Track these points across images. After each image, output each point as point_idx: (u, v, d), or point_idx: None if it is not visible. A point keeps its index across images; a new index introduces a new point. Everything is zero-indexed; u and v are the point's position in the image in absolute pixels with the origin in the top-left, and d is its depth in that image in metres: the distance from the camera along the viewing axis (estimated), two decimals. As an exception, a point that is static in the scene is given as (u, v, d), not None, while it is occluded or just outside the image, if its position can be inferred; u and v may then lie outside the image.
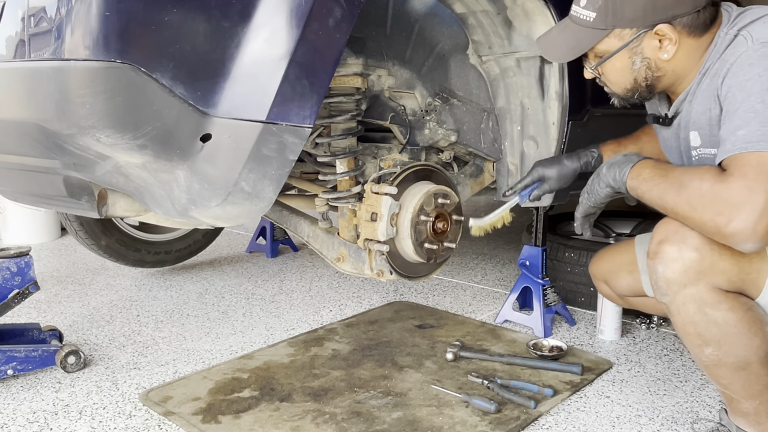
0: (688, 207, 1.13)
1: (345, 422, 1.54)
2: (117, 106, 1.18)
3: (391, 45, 1.77)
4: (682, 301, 1.19)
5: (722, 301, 1.16)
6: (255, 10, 1.27)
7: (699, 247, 1.15)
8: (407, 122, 1.86)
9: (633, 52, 1.26)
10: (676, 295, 1.19)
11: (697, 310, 1.17)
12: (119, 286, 2.77)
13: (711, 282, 1.16)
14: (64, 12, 1.18)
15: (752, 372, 1.21)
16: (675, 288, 1.18)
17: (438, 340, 2.06)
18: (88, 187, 1.60)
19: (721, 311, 1.16)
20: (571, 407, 1.63)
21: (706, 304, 1.17)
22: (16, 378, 1.84)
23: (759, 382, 1.22)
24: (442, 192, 1.73)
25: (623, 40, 1.26)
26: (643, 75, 1.29)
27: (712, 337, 1.18)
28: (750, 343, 1.18)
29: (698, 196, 1.11)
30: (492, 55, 1.92)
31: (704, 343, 1.20)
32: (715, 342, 1.19)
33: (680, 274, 1.17)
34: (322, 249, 1.86)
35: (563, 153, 1.87)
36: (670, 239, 1.18)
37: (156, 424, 1.57)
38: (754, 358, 1.19)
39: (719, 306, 1.16)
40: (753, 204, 1.04)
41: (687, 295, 1.17)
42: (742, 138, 1.08)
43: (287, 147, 1.31)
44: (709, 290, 1.16)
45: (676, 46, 1.23)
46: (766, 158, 1.05)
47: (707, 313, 1.17)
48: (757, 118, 1.08)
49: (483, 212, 1.71)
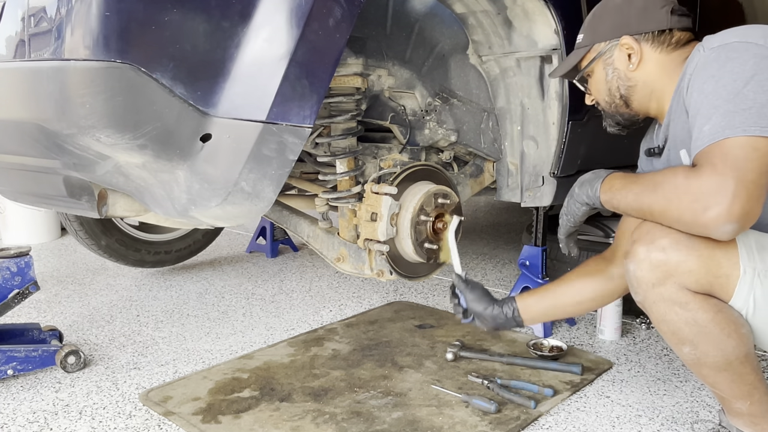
0: (664, 202, 1.16)
1: (345, 422, 1.54)
2: (117, 106, 1.18)
3: (391, 45, 1.77)
4: (652, 300, 1.21)
5: (690, 302, 1.18)
6: (255, 10, 1.27)
7: (666, 248, 1.17)
8: (407, 122, 1.86)
9: (606, 63, 1.39)
10: (647, 293, 1.22)
11: (667, 309, 1.20)
12: (119, 286, 2.77)
13: (678, 282, 1.17)
14: (64, 12, 1.18)
15: (735, 372, 1.22)
16: (644, 287, 1.21)
17: (438, 340, 2.06)
18: (88, 187, 1.60)
19: (691, 311, 1.18)
20: (571, 407, 1.63)
21: (675, 304, 1.19)
22: (16, 378, 1.84)
23: (745, 381, 1.23)
24: (442, 192, 1.73)
25: (597, 52, 1.40)
26: (615, 85, 1.39)
27: (686, 336, 1.21)
28: (724, 344, 1.19)
29: (672, 190, 1.14)
30: (492, 55, 1.92)
31: (680, 342, 1.23)
32: (690, 341, 1.21)
33: (648, 272, 1.19)
34: (322, 249, 1.86)
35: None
36: (641, 239, 1.21)
37: (156, 424, 1.57)
38: (733, 358, 1.20)
39: (688, 306, 1.18)
40: (724, 189, 1.07)
41: (656, 294, 1.20)
42: (708, 132, 1.12)
43: (287, 147, 1.31)
44: (677, 290, 1.18)
45: (640, 57, 1.34)
46: (731, 145, 1.09)
47: (677, 312, 1.19)
48: (718, 111, 1.12)
49: (482, 212, 1.71)
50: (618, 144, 1.68)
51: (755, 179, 1.07)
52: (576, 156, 1.96)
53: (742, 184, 1.06)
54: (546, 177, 1.97)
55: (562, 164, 1.93)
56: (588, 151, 1.99)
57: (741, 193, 1.06)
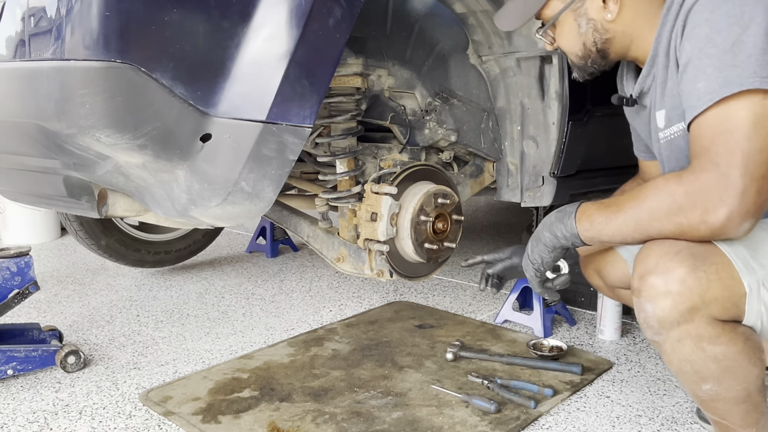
0: (665, 216, 1.05)
1: (345, 422, 1.54)
2: (117, 106, 1.18)
3: (391, 45, 1.77)
4: (677, 338, 1.07)
5: (720, 335, 1.05)
6: (255, 10, 1.27)
7: (685, 279, 1.03)
8: (407, 122, 1.86)
9: (577, 14, 1.24)
10: (670, 333, 1.07)
11: (695, 347, 1.06)
12: (119, 286, 2.77)
13: (706, 314, 1.04)
14: (64, 12, 1.18)
15: (752, 402, 1.12)
16: (668, 326, 1.07)
17: (438, 340, 2.06)
18: (88, 187, 1.60)
19: (721, 345, 1.05)
20: (571, 407, 1.63)
21: (703, 339, 1.05)
22: (16, 378, 1.84)
23: (757, 410, 1.14)
24: (442, 192, 1.73)
25: (565, 2, 1.24)
26: (591, 39, 1.24)
27: (711, 373, 1.08)
28: (750, 374, 1.09)
29: (671, 200, 1.04)
30: (492, 55, 1.92)
31: (701, 380, 1.10)
32: (714, 378, 1.09)
33: (671, 310, 1.05)
34: (322, 249, 1.86)
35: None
36: (653, 272, 1.07)
37: (156, 424, 1.57)
38: (753, 388, 1.11)
39: (717, 340, 1.05)
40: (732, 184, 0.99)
41: (682, 331, 1.06)
42: (704, 90, 1.02)
43: (287, 147, 1.31)
44: (706, 324, 1.05)
45: (619, 5, 1.20)
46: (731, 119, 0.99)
47: (705, 348, 1.06)
48: (712, 62, 1.02)
49: (482, 212, 1.71)
50: (618, 144, 1.68)
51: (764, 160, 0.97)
52: (576, 156, 1.96)
53: (750, 175, 0.98)
54: (546, 177, 1.97)
55: (562, 164, 1.93)
56: (588, 151, 1.99)
57: (751, 185, 0.98)
